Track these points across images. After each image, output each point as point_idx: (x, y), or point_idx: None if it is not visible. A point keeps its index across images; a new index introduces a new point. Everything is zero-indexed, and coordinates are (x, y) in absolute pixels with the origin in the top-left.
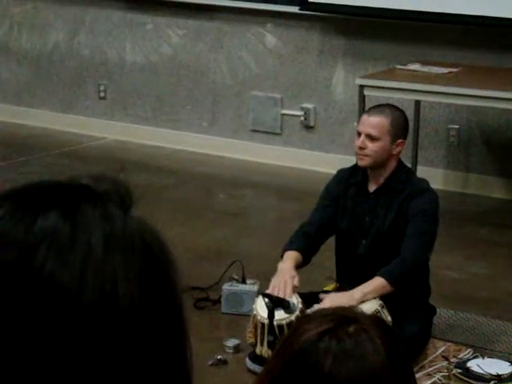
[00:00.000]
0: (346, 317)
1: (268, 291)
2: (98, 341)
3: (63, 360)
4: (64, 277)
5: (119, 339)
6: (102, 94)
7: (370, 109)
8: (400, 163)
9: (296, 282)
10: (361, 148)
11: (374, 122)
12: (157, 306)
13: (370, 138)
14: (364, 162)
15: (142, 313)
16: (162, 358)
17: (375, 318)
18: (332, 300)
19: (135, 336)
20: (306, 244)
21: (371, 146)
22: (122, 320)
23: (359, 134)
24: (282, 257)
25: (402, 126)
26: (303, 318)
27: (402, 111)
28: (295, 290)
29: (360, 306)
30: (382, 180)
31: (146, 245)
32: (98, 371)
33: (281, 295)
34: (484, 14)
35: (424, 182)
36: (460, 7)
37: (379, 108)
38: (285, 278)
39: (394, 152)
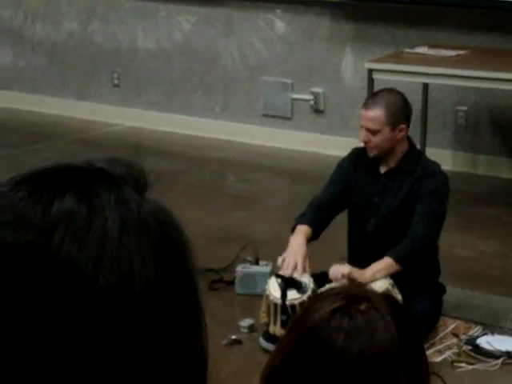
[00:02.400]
0: (357, 295)
1: (278, 265)
2: (115, 322)
3: (80, 341)
4: (81, 259)
5: (136, 320)
6: (115, 82)
7: (367, 100)
8: (411, 145)
9: (307, 263)
10: (365, 142)
11: (371, 116)
12: (172, 286)
13: (371, 131)
14: (372, 154)
15: (158, 294)
16: (178, 338)
17: (386, 295)
18: (340, 269)
19: (152, 316)
20: (318, 218)
21: (374, 139)
22: (139, 301)
23: (361, 126)
24: (293, 229)
25: (400, 110)
26: (315, 297)
27: (398, 94)
28: (307, 269)
29: (370, 285)
30: (393, 163)
31: (161, 227)
32: (115, 351)
33: (289, 273)
34: None
35: (435, 164)
36: None
37: (374, 99)
38: (296, 258)
39: (398, 137)
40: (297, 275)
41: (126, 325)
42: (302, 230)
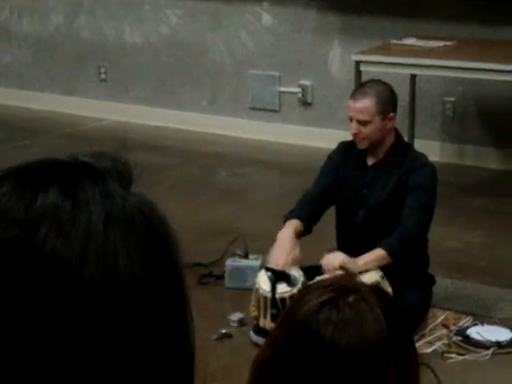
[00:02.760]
0: (345, 287)
1: (267, 260)
2: (100, 315)
3: (65, 335)
4: (65, 253)
5: (121, 314)
6: (102, 76)
7: (354, 92)
8: (398, 137)
9: (296, 254)
10: (356, 134)
11: (360, 107)
12: (158, 280)
13: (361, 122)
14: (363, 145)
15: (143, 287)
16: (164, 332)
17: (375, 287)
18: (336, 257)
19: (137, 310)
20: (309, 212)
21: (364, 130)
22: (124, 295)
23: (350, 119)
24: (284, 223)
25: (388, 100)
26: (304, 290)
27: (385, 85)
28: (297, 262)
29: (360, 277)
30: (381, 155)
31: (146, 220)
32: (101, 345)
33: (278, 267)
34: None
35: (422, 156)
36: None
37: (362, 89)
38: (283, 256)
39: (388, 127)
40: (286, 268)
41: (111, 318)
42: (291, 224)
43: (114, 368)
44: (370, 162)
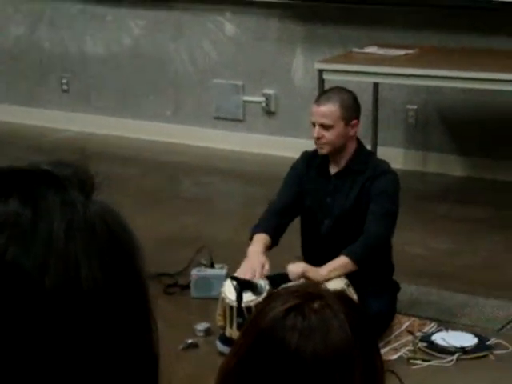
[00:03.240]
0: (311, 293)
1: (236, 275)
2: (61, 325)
3: (26, 343)
4: (26, 262)
5: (83, 323)
6: (64, 87)
7: (318, 97)
8: (360, 145)
9: (266, 269)
10: (318, 138)
11: (324, 111)
12: (121, 288)
13: (324, 126)
14: (324, 151)
15: (105, 295)
16: (128, 342)
17: (340, 294)
18: (298, 266)
19: (99, 318)
20: (274, 224)
21: (327, 135)
22: (86, 304)
23: (314, 124)
24: (250, 239)
25: (352, 107)
26: (269, 296)
27: (349, 92)
28: (265, 274)
29: (326, 285)
30: (343, 163)
31: (108, 227)
32: (62, 355)
33: (248, 278)
34: None
35: (384, 163)
36: None
37: (326, 95)
38: (254, 265)
39: (351, 133)
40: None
41: (72, 326)
42: (260, 239)
43: (75, 376)
44: (333, 170)
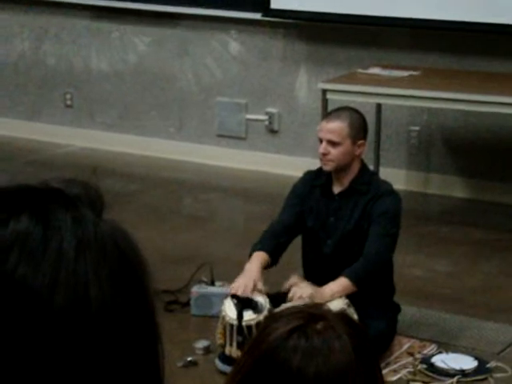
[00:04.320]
0: (314, 314)
1: (231, 288)
2: (69, 344)
3: (34, 362)
4: (36, 281)
5: (91, 342)
6: (68, 102)
7: (328, 114)
8: (363, 166)
9: (260, 285)
10: (324, 154)
11: (333, 128)
12: (129, 308)
13: (332, 143)
14: (328, 167)
15: (114, 316)
16: (134, 361)
17: (343, 315)
18: (301, 288)
19: (107, 339)
20: (274, 244)
21: (333, 151)
22: (94, 323)
23: (320, 140)
24: (250, 257)
25: (360, 127)
26: (272, 317)
27: (359, 113)
28: (258, 292)
29: (327, 305)
30: (346, 182)
31: (118, 248)
32: (69, 373)
33: (238, 294)
34: (443, 19)
35: (388, 184)
36: (419, 12)
37: (336, 113)
38: (246, 281)
39: (357, 153)
40: (252, 295)
41: (81, 345)
42: (257, 256)
43: None
44: (336, 190)
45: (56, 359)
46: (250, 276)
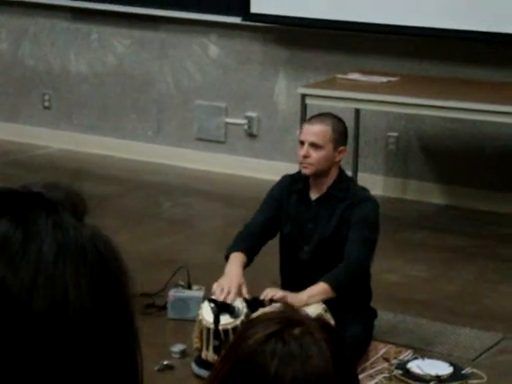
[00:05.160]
0: (291, 319)
1: (213, 292)
2: (48, 347)
3: (11, 365)
4: (14, 284)
5: (70, 346)
6: (46, 104)
7: (311, 118)
8: (341, 172)
9: (244, 289)
10: (305, 157)
11: (317, 131)
12: (108, 313)
13: (314, 146)
14: (308, 171)
15: (93, 320)
16: (113, 365)
17: (320, 320)
18: (275, 292)
19: (86, 343)
20: (250, 244)
21: (315, 155)
22: (73, 327)
23: (302, 143)
24: (226, 258)
25: (342, 133)
26: (249, 322)
27: (340, 119)
28: (240, 295)
29: (304, 310)
30: (324, 188)
31: (99, 253)
32: (48, 377)
33: (222, 299)
34: (421, 25)
35: (365, 190)
36: (398, 18)
37: (319, 117)
38: (230, 285)
39: (337, 159)
40: (229, 300)
41: (59, 349)
42: (237, 257)
43: None
44: (314, 196)
45: (34, 362)
46: (233, 279)
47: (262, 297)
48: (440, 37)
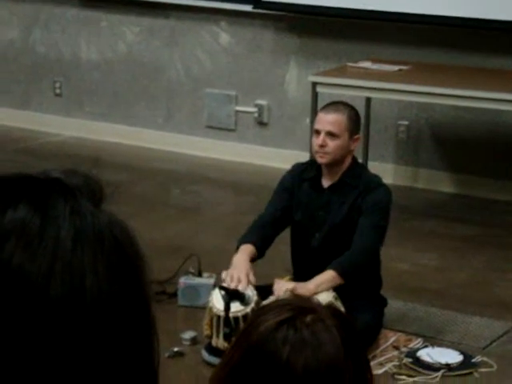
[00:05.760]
0: (303, 307)
1: (223, 279)
2: (65, 333)
3: (29, 352)
4: (32, 269)
5: (86, 332)
6: (57, 91)
7: (325, 107)
8: (354, 160)
9: (251, 277)
10: (321, 146)
11: (333, 120)
12: (125, 299)
13: (330, 135)
14: (325, 160)
15: (109, 307)
16: (129, 351)
17: (332, 308)
18: (284, 285)
19: (102, 329)
20: (261, 236)
21: (331, 144)
22: (90, 313)
23: (317, 132)
24: (237, 250)
25: (357, 121)
26: (261, 309)
27: (354, 107)
28: (249, 284)
29: (315, 297)
30: (337, 176)
31: (116, 239)
32: (65, 363)
33: (233, 286)
34: (433, 13)
35: (377, 177)
36: (410, 6)
37: (334, 105)
38: (239, 274)
39: (352, 147)
40: (240, 287)
41: (76, 335)
42: (245, 249)
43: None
44: (326, 184)
45: (51, 348)
46: (241, 268)
47: (274, 291)
48: (451, 25)
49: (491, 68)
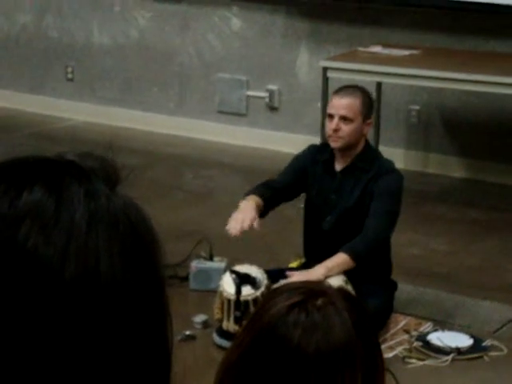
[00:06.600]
0: (314, 290)
1: (228, 228)
2: (79, 315)
3: (43, 334)
4: (47, 251)
5: (100, 314)
6: (69, 76)
7: (338, 91)
8: (367, 144)
9: (256, 224)
10: (335, 130)
11: (347, 104)
12: (139, 282)
13: (344, 119)
14: (338, 144)
15: (123, 288)
16: (144, 334)
17: (343, 291)
18: (298, 277)
19: (117, 312)
20: (269, 194)
21: (345, 128)
22: (104, 295)
23: (330, 116)
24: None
25: (369, 105)
26: (273, 292)
27: (367, 91)
28: (255, 227)
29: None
30: (349, 160)
31: (131, 222)
32: (79, 346)
33: (238, 228)
34: None
35: (390, 162)
36: None
37: (348, 89)
38: (244, 217)
39: (365, 132)
40: (245, 225)
41: (90, 317)
42: (253, 198)
43: (89, 368)
44: (339, 167)
45: (65, 329)
46: (246, 213)
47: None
48: (463, 9)
49: (502, 52)
